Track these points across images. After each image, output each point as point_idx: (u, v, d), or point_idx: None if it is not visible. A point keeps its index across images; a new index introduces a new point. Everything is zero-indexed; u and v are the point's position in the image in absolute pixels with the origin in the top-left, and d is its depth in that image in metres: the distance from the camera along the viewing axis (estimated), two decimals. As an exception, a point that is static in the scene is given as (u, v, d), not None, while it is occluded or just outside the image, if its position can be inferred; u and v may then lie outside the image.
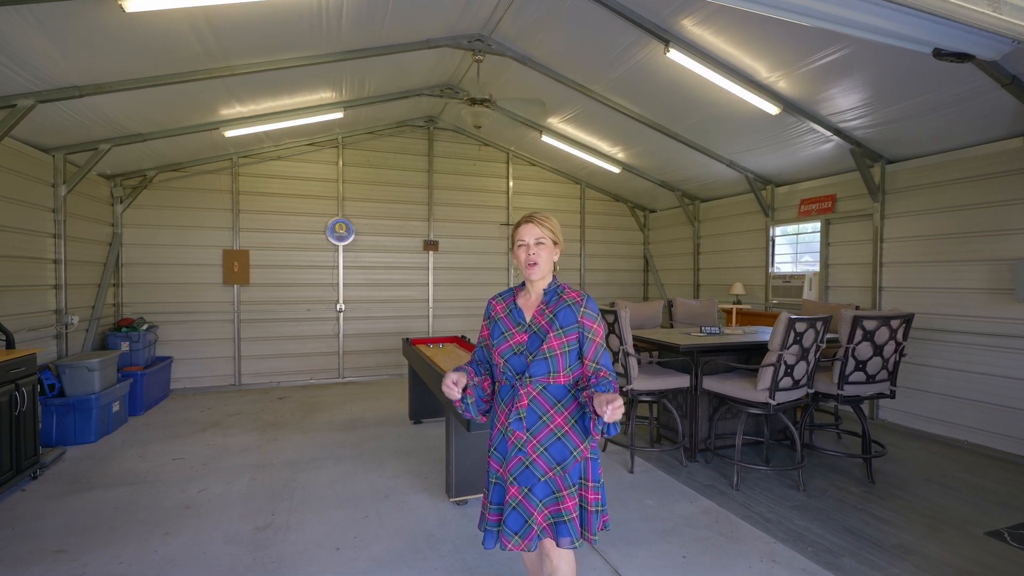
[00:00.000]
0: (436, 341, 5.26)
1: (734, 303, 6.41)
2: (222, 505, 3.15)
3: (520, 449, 1.61)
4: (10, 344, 3.65)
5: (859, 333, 3.35)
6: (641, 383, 3.64)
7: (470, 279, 7.46)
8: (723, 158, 5.80)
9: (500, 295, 1.83)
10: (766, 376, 3.25)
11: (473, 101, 4.75)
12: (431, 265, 7.24)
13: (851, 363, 3.42)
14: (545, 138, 6.47)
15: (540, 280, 1.71)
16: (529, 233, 1.68)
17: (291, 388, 6.39)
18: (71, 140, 4.52)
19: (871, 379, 3.50)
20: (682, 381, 3.74)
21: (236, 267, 6.30)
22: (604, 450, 4.11)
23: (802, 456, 3.42)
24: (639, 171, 6.92)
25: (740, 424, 3.42)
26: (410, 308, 7.16)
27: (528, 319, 1.69)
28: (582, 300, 1.66)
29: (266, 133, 5.86)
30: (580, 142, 6.51)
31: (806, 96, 4.21)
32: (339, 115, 5.59)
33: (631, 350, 3.61)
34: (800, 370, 3.33)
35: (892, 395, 3.62)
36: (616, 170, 6.86)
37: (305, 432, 4.60)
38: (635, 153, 6.40)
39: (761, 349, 3.80)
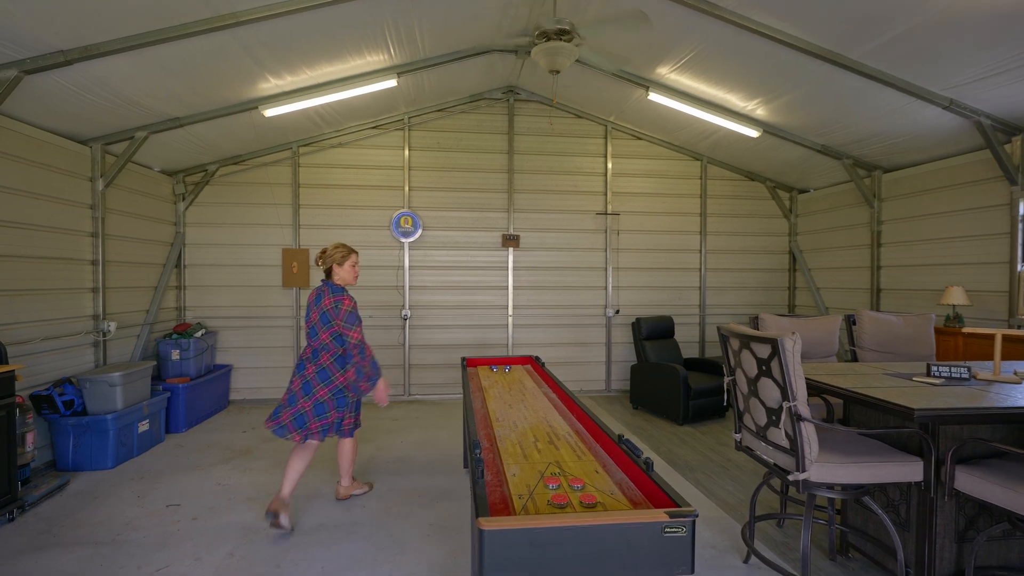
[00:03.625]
0: (502, 362, 4.03)
1: (949, 317, 4.27)
2: (168, 603, 2.23)
3: None
4: (1, 359, 3.16)
5: None
6: (824, 470, 2.03)
7: (558, 281, 6.12)
8: (938, 96, 3.77)
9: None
10: None
11: (546, 35, 3.44)
12: (511, 264, 6.05)
13: None
14: (653, 96, 4.91)
15: None
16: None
17: (351, 405, 5.60)
18: (103, 129, 4.07)
19: None
20: (907, 470, 2.05)
21: (295, 268, 5.68)
22: (746, 561, 2.54)
23: None
24: (788, 132, 5.03)
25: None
26: (486, 315, 6.03)
27: None
28: None
29: (321, 116, 5.12)
30: (701, 98, 4.85)
31: None
32: (392, 83, 4.62)
33: (805, 410, 2.02)
34: None
35: None
36: (754, 133, 5.05)
37: (335, 476, 3.65)
38: (783, 105, 4.56)
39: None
